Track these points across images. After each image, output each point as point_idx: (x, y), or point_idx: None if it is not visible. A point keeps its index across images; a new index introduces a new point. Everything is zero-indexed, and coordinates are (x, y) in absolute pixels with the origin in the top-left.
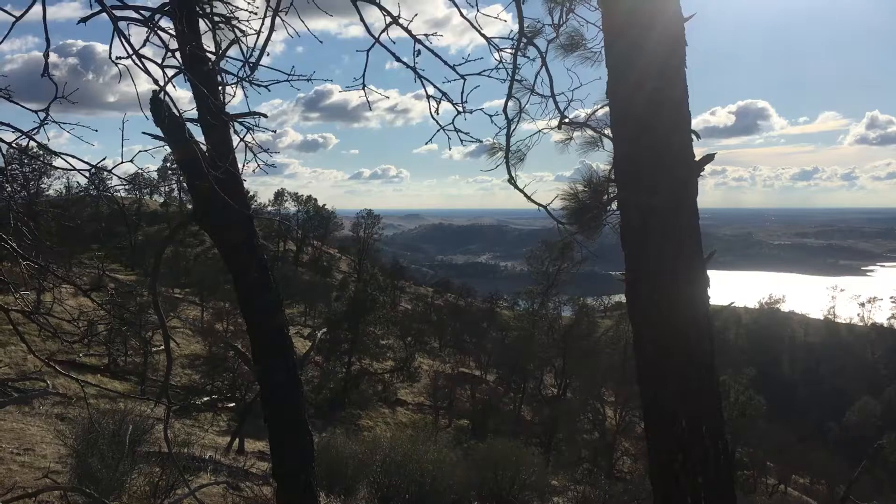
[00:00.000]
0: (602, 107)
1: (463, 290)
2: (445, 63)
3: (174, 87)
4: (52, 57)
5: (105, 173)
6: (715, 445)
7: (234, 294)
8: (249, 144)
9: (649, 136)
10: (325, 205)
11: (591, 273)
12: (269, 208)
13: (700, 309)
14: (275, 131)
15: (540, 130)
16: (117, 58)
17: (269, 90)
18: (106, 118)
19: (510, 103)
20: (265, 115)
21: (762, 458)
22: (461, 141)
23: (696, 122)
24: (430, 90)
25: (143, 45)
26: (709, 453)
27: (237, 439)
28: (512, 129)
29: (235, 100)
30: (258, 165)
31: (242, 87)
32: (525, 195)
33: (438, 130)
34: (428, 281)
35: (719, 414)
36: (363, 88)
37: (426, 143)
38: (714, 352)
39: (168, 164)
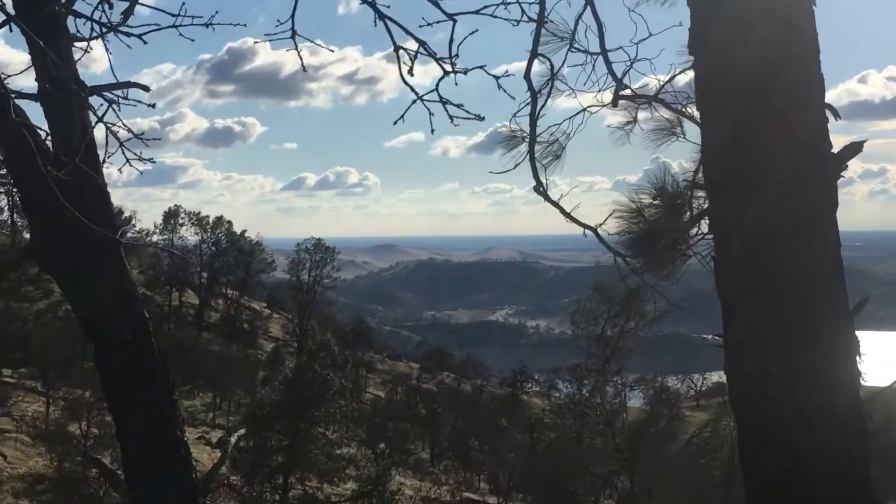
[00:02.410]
0: (683, 70)
1: (468, 367)
2: None
3: None
4: None
5: None
6: None
7: (98, 376)
8: (114, 128)
9: (758, 115)
10: (245, 231)
11: (673, 337)
12: (156, 237)
13: (845, 391)
14: (153, 105)
15: (585, 108)
16: None
17: (146, 42)
18: None
19: (535, 64)
20: (146, 88)
21: None
22: (450, 117)
23: (835, 95)
24: (401, 38)
25: None
26: None
27: None
28: (540, 106)
29: (98, 65)
30: (128, 160)
31: (105, 43)
32: (562, 211)
33: (415, 101)
34: (412, 352)
35: None
36: (293, 38)
37: (395, 123)
38: (869, 461)
39: None
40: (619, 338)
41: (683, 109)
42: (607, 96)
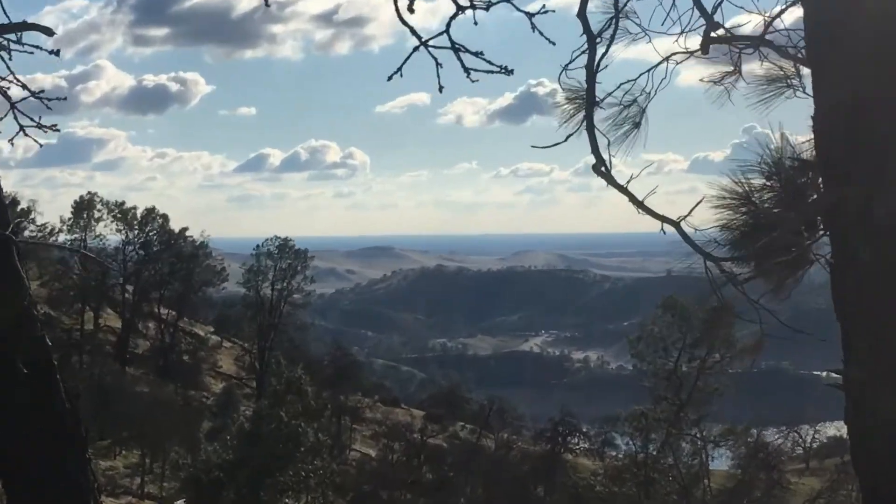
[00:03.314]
0: (790, 5)
1: (491, 415)
2: None
3: None
4: None
5: None
6: None
7: None
8: (2, 84)
9: (893, 68)
10: (185, 229)
11: (774, 372)
12: (63, 236)
13: None
14: (56, 52)
15: (667, 58)
16: None
17: None
18: None
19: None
20: (49, 31)
21: None
22: (465, 70)
23: None
24: None
25: None
26: None
27: None
28: (600, 55)
29: None
30: (23, 129)
31: None
32: (632, 199)
33: (417, 48)
34: (414, 394)
35: None
36: None
37: (390, 78)
38: None
39: None
40: (698, 375)
41: (800, 54)
42: (692, 41)
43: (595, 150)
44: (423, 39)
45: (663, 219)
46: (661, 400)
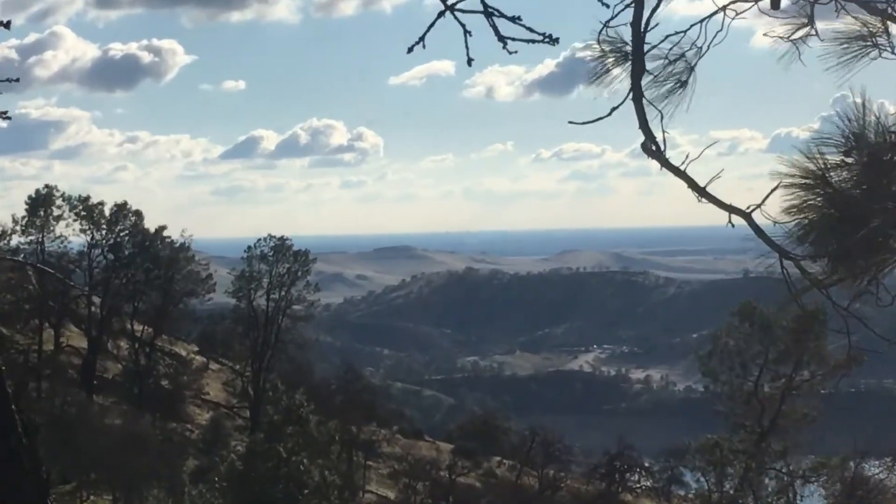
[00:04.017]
0: None
1: (533, 447)
2: None
3: None
4: None
5: None
6: None
7: None
8: None
9: None
10: (163, 228)
11: (875, 392)
12: (16, 239)
13: None
14: (6, 25)
15: (723, 8)
16: None
17: None
18: None
19: None
20: None
21: None
22: (501, 39)
23: None
24: None
25: None
26: None
27: None
28: (649, 10)
29: None
30: None
31: None
32: (691, 184)
33: (442, 14)
34: (441, 423)
35: None
36: None
37: (410, 50)
38: None
39: None
40: (784, 397)
41: (892, 9)
42: None
43: (644, 124)
44: (448, 3)
45: (730, 209)
46: (739, 427)
